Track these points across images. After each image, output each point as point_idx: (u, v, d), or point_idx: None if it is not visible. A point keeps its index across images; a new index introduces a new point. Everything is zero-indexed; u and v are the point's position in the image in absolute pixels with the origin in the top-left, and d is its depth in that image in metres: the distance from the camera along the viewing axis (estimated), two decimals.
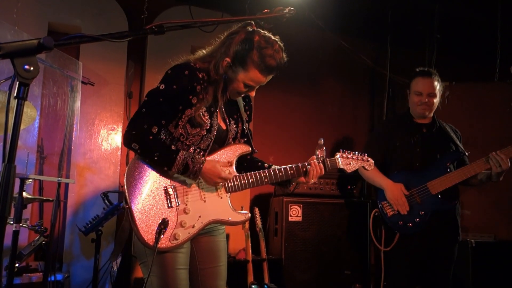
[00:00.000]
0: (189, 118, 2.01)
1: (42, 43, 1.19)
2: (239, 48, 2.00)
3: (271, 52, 2.00)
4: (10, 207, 1.20)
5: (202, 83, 2.02)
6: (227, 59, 2.02)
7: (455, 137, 3.30)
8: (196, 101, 2.01)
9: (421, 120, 3.31)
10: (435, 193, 3.09)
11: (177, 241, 1.97)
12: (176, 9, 4.61)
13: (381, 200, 3.20)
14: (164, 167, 1.96)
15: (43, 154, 4.03)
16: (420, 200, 3.11)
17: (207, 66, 2.05)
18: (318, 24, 4.90)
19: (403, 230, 3.10)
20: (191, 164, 1.95)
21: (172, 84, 1.98)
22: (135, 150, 1.96)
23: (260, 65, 2.00)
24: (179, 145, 2.03)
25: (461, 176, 3.07)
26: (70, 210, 4.09)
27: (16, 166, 1.21)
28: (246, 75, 2.03)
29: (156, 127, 1.97)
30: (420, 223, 3.07)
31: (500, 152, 2.98)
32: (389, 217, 3.14)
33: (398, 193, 3.11)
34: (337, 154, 2.30)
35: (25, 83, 1.20)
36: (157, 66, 4.44)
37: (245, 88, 2.08)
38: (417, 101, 3.24)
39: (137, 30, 1.41)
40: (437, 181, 3.09)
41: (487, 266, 3.89)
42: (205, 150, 2.06)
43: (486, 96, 4.54)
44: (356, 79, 5.48)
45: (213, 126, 2.07)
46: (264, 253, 3.86)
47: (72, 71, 3.87)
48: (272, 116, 4.94)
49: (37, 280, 3.40)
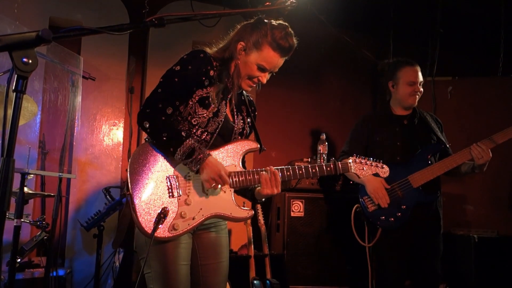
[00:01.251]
0: (199, 98, 2.02)
1: (40, 36, 1.17)
2: (253, 31, 2.07)
3: (283, 33, 2.07)
4: (9, 201, 1.19)
5: (216, 70, 2.06)
6: (241, 43, 2.08)
7: (436, 128, 3.26)
8: (208, 84, 2.03)
9: (401, 112, 3.28)
10: (416, 186, 3.06)
11: (176, 231, 1.95)
12: (177, 4, 4.59)
13: (363, 195, 3.17)
14: (170, 148, 1.94)
15: (45, 149, 4.03)
16: (401, 193, 3.08)
17: (222, 55, 2.11)
18: (320, 19, 4.87)
19: (385, 225, 3.08)
20: (197, 151, 1.93)
21: (187, 65, 2.02)
22: (145, 129, 1.96)
23: (273, 43, 2.05)
24: (185, 124, 2.03)
25: (442, 168, 3.05)
26: (72, 206, 4.09)
27: (18, 162, 1.20)
28: (260, 55, 2.06)
29: (171, 108, 1.99)
30: (402, 217, 3.05)
31: (481, 143, 2.96)
32: (371, 212, 3.11)
33: (378, 186, 3.08)
34: (349, 159, 2.22)
35: (23, 76, 1.18)
36: (158, 61, 4.43)
37: (258, 70, 2.09)
38: (411, 91, 3.20)
39: (137, 23, 1.40)
40: (418, 174, 3.07)
41: (490, 261, 3.88)
42: (212, 133, 2.05)
43: (489, 91, 4.52)
44: (358, 74, 5.46)
45: (220, 111, 2.07)
46: (266, 249, 3.85)
47: (73, 66, 3.85)
48: (274, 112, 4.92)
49: (39, 276, 3.41)
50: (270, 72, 2.15)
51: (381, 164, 2.29)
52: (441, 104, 3.38)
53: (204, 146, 2.04)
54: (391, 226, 3.07)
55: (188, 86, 2.01)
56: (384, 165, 2.30)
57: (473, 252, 3.86)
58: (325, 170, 2.16)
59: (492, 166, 3.18)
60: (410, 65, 3.26)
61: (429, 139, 3.20)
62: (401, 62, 3.29)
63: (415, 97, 3.21)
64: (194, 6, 4.44)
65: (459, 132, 4.20)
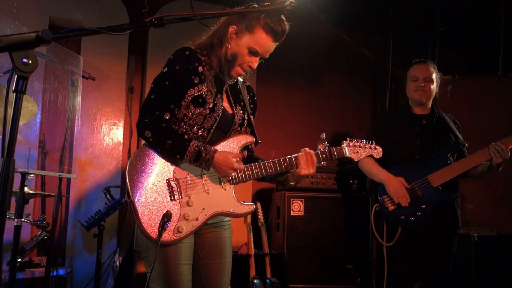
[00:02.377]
0: (192, 97, 2.01)
1: (40, 36, 1.17)
2: (245, 14, 2.05)
3: (276, 18, 2.04)
4: (9, 201, 1.19)
5: (204, 65, 2.04)
6: (233, 26, 2.06)
7: (454, 128, 3.27)
8: (198, 81, 2.02)
9: (420, 111, 3.29)
10: (436, 185, 3.06)
11: (181, 234, 1.95)
12: (177, 3, 4.59)
13: (382, 195, 3.17)
14: (177, 154, 1.95)
15: (45, 149, 4.03)
16: (421, 193, 3.08)
17: (210, 40, 2.10)
18: (320, 18, 4.87)
19: (405, 224, 3.08)
20: (203, 152, 1.94)
21: (175, 65, 2.01)
22: (147, 139, 1.96)
23: (266, 26, 2.03)
24: (182, 126, 2.02)
25: (461, 167, 3.05)
26: (72, 205, 4.10)
27: (18, 161, 1.20)
28: (252, 37, 2.04)
29: (168, 114, 1.99)
30: (422, 216, 3.05)
31: (500, 142, 2.97)
32: (390, 211, 3.12)
33: (399, 185, 3.08)
34: (343, 143, 2.25)
35: (23, 77, 1.18)
36: (158, 61, 4.42)
37: (249, 54, 2.06)
38: (413, 86, 3.23)
39: (136, 23, 1.40)
40: (437, 173, 3.07)
41: (490, 260, 3.88)
42: (209, 129, 2.04)
43: (489, 90, 4.51)
44: (358, 73, 5.46)
45: (217, 106, 2.05)
46: (266, 248, 3.85)
47: (73, 65, 3.85)
48: (273, 110, 4.92)
49: (39, 275, 3.41)
50: (261, 58, 2.12)
51: (374, 146, 2.31)
52: (440, 103, 3.38)
53: (202, 142, 2.03)
54: (411, 226, 3.07)
55: (180, 87, 2.00)
56: (377, 146, 2.32)
57: (473, 251, 3.86)
58: (321, 157, 2.18)
59: None
60: (417, 63, 3.30)
61: (448, 138, 3.21)
62: (413, 62, 3.33)
63: (419, 93, 3.22)
64: (193, 5, 4.44)
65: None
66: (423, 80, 3.21)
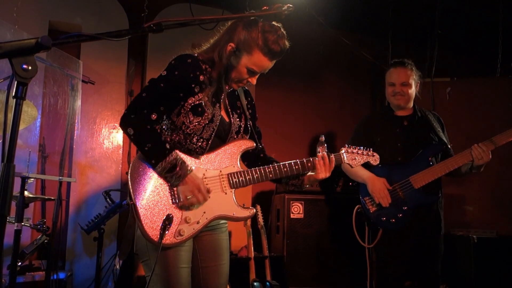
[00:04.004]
0: (191, 106, 2.00)
1: (40, 43, 1.18)
2: (243, 32, 2.01)
3: (275, 36, 2.01)
4: (10, 206, 1.20)
5: (205, 74, 2.04)
6: (231, 44, 2.02)
7: (438, 127, 3.26)
8: (199, 90, 2.01)
9: (401, 113, 3.28)
10: (417, 187, 3.05)
11: (182, 237, 1.96)
12: (176, 7, 4.61)
13: (364, 196, 3.17)
14: (152, 160, 1.94)
15: (45, 153, 4.04)
16: (403, 194, 3.07)
17: (211, 56, 2.07)
18: (318, 21, 4.89)
19: (386, 226, 3.08)
20: (178, 167, 1.93)
21: (174, 70, 1.99)
22: (129, 135, 1.94)
23: (264, 48, 2.00)
24: (180, 135, 2.02)
25: (443, 169, 3.05)
26: (72, 209, 4.10)
27: (18, 165, 1.21)
28: (250, 59, 2.02)
29: (156, 114, 1.97)
30: (403, 218, 3.05)
31: (482, 144, 2.96)
32: (372, 212, 3.11)
33: (381, 185, 3.08)
34: (342, 149, 2.28)
35: (23, 83, 1.19)
36: (158, 64, 4.44)
37: (248, 73, 2.06)
38: (391, 91, 3.23)
39: (135, 29, 1.41)
40: (419, 175, 3.06)
41: (489, 262, 3.88)
42: (207, 140, 2.05)
43: (488, 92, 4.52)
44: (357, 75, 5.47)
45: (215, 116, 2.06)
46: (266, 250, 3.86)
47: (73, 70, 3.87)
48: (273, 113, 4.93)
49: (39, 279, 3.42)
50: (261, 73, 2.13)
51: (371, 152, 2.33)
52: (439, 105, 3.39)
53: (201, 153, 2.05)
54: (392, 227, 3.07)
55: (176, 93, 1.99)
56: (374, 153, 2.34)
57: (473, 253, 3.86)
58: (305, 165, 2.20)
59: (492, 167, 3.19)
60: (393, 66, 3.28)
61: (430, 139, 3.19)
62: (390, 65, 3.33)
63: (397, 98, 3.21)
64: (193, 9, 4.45)
65: (457, 133, 4.20)
66: (400, 85, 3.20)
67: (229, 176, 2.08)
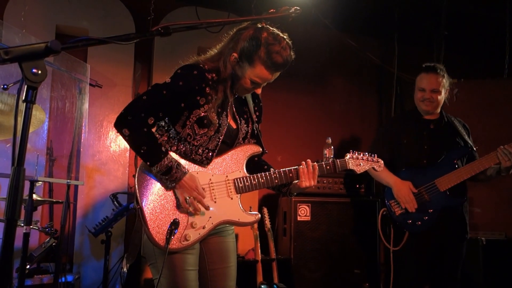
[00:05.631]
0: (197, 118, 2.00)
1: (49, 47, 1.19)
2: (247, 44, 1.99)
3: (278, 49, 1.98)
4: (20, 209, 1.20)
5: (212, 84, 2.02)
6: (235, 54, 2.01)
7: (463, 132, 3.26)
8: (205, 102, 2.00)
9: (428, 116, 3.28)
10: (443, 190, 3.05)
11: (188, 242, 1.97)
12: (182, 10, 4.62)
13: (389, 199, 3.17)
14: (147, 162, 1.94)
15: (53, 156, 4.06)
16: (428, 197, 3.08)
17: (217, 65, 2.06)
18: (324, 23, 4.89)
19: (412, 229, 3.08)
20: (174, 169, 1.93)
21: (179, 80, 1.99)
22: (124, 135, 1.94)
23: (267, 61, 1.98)
24: (186, 145, 2.03)
25: (469, 172, 3.04)
26: (80, 212, 4.12)
27: (26, 169, 1.22)
28: (253, 71, 2.01)
29: (153, 119, 1.97)
30: (429, 221, 3.05)
31: (509, 146, 2.95)
32: (397, 215, 3.12)
33: (406, 190, 3.08)
34: (347, 155, 2.28)
35: (33, 87, 1.20)
36: (164, 67, 4.46)
37: (252, 85, 2.06)
38: (420, 97, 3.23)
39: (143, 32, 1.42)
40: (445, 178, 3.06)
41: (498, 264, 3.86)
42: (213, 150, 2.05)
43: (495, 93, 4.50)
44: (363, 77, 5.46)
45: (221, 126, 2.05)
46: (273, 253, 3.85)
47: (80, 73, 3.89)
48: (279, 116, 4.93)
49: (48, 282, 3.43)
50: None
51: (376, 158, 2.33)
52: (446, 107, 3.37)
53: (207, 163, 2.05)
54: (418, 230, 3.06)
55: (177, 102, 1.99)
56: (379, 159, 2.34)
57: (481, 255, 3.84)
58: (325, 168, 2.21)
59: None
60: (425, 71, 3.25)
61: (455, 143, 3.19)
62: (422, 68, 3.30)
63: (426, 103, 3.20)
64: (199, 12, 4.47)
65: None
66: (430, 92, 3.19)
67: (235, 181, 2.08)
